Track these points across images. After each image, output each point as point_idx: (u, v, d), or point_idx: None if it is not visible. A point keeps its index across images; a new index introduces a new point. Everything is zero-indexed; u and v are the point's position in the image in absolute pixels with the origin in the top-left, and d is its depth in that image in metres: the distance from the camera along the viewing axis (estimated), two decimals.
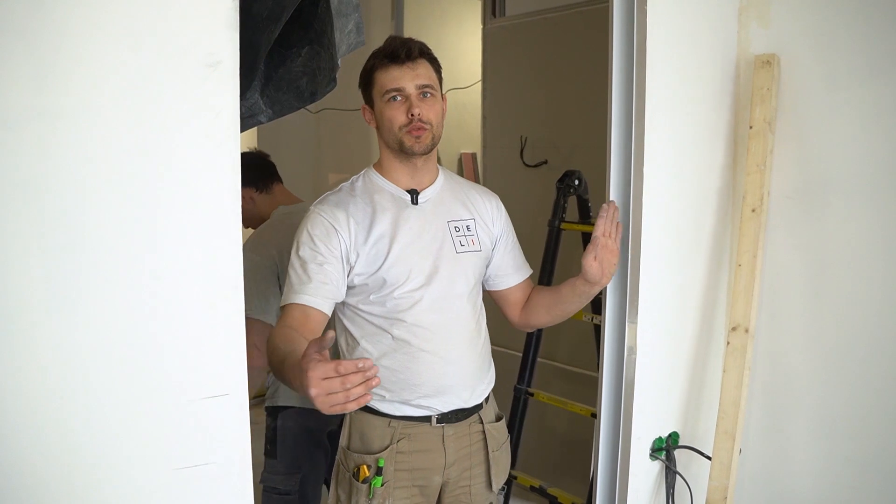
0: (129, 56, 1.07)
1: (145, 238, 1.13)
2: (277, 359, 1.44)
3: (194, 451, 1.19)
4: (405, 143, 1.67)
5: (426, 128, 1.67)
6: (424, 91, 1.67)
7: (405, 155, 1.70)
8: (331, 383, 1.18)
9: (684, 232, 1.97)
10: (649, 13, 1.76)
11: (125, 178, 1.10)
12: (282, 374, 1.42)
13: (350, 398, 1.19)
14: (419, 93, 1.66)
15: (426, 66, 1.69)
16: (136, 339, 1.13)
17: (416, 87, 1.66)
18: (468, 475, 1.81)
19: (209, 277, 1.17)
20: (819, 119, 1.90)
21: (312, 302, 1.60)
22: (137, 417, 1.15)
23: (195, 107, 1.13)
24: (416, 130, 1.66)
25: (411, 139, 1.67)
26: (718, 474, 1.90)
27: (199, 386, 1.18)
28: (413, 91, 1.65)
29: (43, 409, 1.08)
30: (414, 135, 1.66)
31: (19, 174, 1.04)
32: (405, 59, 1.65)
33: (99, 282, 1.10)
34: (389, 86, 1.65)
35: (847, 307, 1.89)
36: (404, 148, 1.68)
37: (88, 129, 1.07)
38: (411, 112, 1.65)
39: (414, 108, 1.65)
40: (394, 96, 1.66)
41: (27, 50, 1.02)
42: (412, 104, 1.65)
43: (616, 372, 1.91)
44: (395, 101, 1.66)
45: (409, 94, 1.65)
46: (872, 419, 1.86)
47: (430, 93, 1.68)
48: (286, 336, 1.50)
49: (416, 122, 1.65)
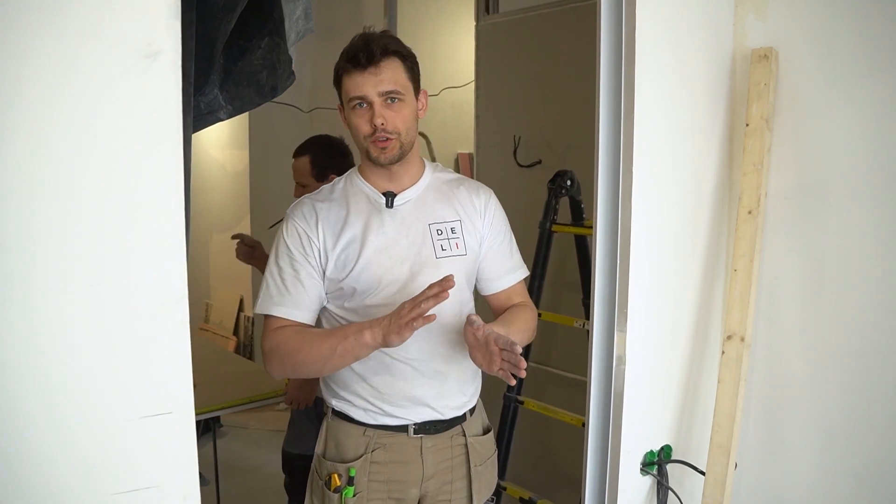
0: (56, 45, 0.99)
1: (77, 242, 1.04)
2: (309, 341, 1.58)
3: (135, 475, 1.11)
4: (371, 153, 1.61)
5: (392, 137, 1.58)
6: (390, 97, 1.57)
7: (371, 162, 1.63)
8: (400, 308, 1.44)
9: (677, 235, 1.89)
10: (639, 4, 1.69)
11: (53, 179, 1.02)
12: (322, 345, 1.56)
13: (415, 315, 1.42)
14: (383, 100, 1.56)
15: (393, 66, 1.57)
16: (68, 352, 1.05)
17: (379, 94, 1.56)
18: (448, 489, 1.73)
19: (149, 287, 1.09)
20: (818, 116, 1.83)
21: (292, 315, 1.62)
22: (72, 438, 1.07)
23: (131, 101, 1.04)
24: (381, 142, 1.58)
25: (377, 150, 1.59)
26: (712, 490, 1.82)
27: (139, 404, 1.10)
28: (376, 99, 1.56)
29: None
30: (379, 146, 1.59)
31: None
32: (367, 64, 1.54)
33: (23, 290, 1.01)
34: (352, 93, 1.57)
35: (847, 314, 1.82)
36: (371, 158, 1.62)
37: (10, 126, 0.98)
38: (374, 121, 1.56)
39: (377, 117, 1.56)
40: (358, 104, 1.57)
41: None
42: (375, 113, 1.56)
43: (604, 382, 1.83)
44: (359, 109, 1.58)
45: (373, 101, 1.56)
46: (873, 431, 1.79)
47: (396, 97, 1.57)
48: (296, 330, 1.61)
49: (380, 132, 1.57)
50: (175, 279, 1.09)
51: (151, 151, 1.05)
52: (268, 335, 1.62)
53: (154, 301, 1.08)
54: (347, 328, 1.55)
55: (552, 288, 2.69)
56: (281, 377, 1.71)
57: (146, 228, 1.07)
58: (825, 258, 1.84)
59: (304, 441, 2.77)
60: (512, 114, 3.22)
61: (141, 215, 1.07)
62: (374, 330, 1.49)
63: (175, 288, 1.09)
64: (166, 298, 1.09)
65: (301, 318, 1.62)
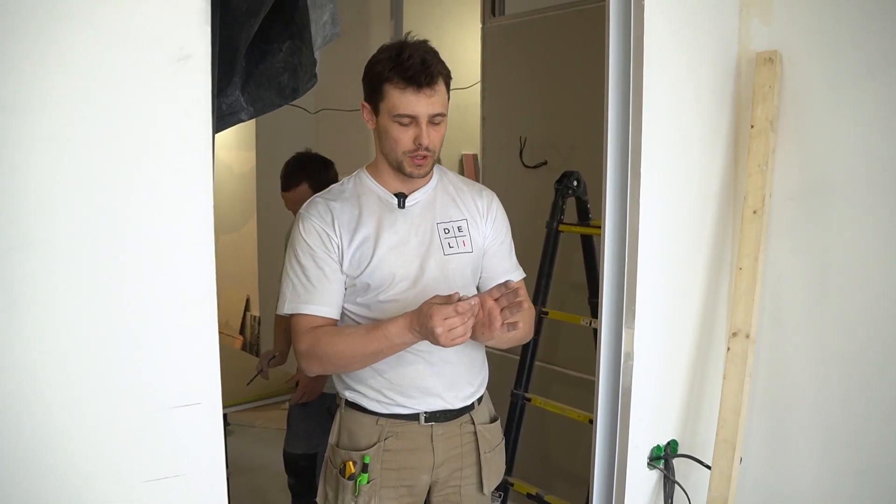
0: (93, 48, 1.03)
1: (111, 240, 1.08)
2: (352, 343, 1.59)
3: (165, 462, 1.15)
4: (405, 167, 1.64)
5: (429, 155, 1.64)
6: (435, 119, 1.62)
7: (400, 173, 1.67)
8: (452, 321, 1.44)
9: (683, 234, 1.92)
10: (647, 8, 1.71)
11: (90, 178, 1.06)
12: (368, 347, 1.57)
13: (462, 333, 1.45)
14: (430, 121, 1.61)
15: (442, 90, 1.61)
16: (103, 346, 1.09)
17: (429, 115, 1.60)
18: (458, 476, 1.78)
19: (180, 282, 1.13)
20: (822, 118, 1.85)
21: (322, 311, 1.65)
22: (105, 428, 1.11)
23: (164, 103, 1.08)
24: (420, 159, 1.63)
25: (412, 166, 1.64)
26: (718, 484, 1.85)
27: (169, 395, 1.14)
28: (425, 120, 1.60)
29: (4, 419, 1.04)
30: (416, 162, 1.63)
31: None
32: (424, 86, 1.57)
33: (61, 287, 1.05)
34: (402, 110, 1.59)
35: (851, 312, 1.84)
36: (403, 171, 1.66)
37: (50, 126, 1.02)
38: (419, 140, 1.60)
39: (423, 137, 1.60)
40: (405, 122, 1.60)
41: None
42: (421, 133, 1.60)
43: (612, 378, 1.86)
44: (403, 125, 1.60)
45: (421, 122, 1.60)
46: (877, 427, 1.81)
47: (441, 119, 1.63)
48: (333, 331, 1.63)
49: (422, 150, 1.61)
50: (205, 275, 1.13)
51: (183, 151, 1.09)
52: (301, 336, 1.64)
53: (185, 296, 1.12)
54: (388, 331, 1.55)
55: (558, 287, 2.72)
56: (319, 374, 1.76)
57: (178, 226, 1.11)
58: (829, 258, 1.86)
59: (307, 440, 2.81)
60: (518, 115, 3.25)
61: (173, 213, 1.11)
62: (415, 334, 1.52)
63: (204, 283, 1.13)
64: (196, 293, 1.13)
65: (330, 314, 1.66)
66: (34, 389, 1.06)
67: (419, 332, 1.50)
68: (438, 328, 1.43)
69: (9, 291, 1.02)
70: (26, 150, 1.02)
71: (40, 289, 1.05)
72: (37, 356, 1.05)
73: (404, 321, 1.53)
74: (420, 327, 1.49)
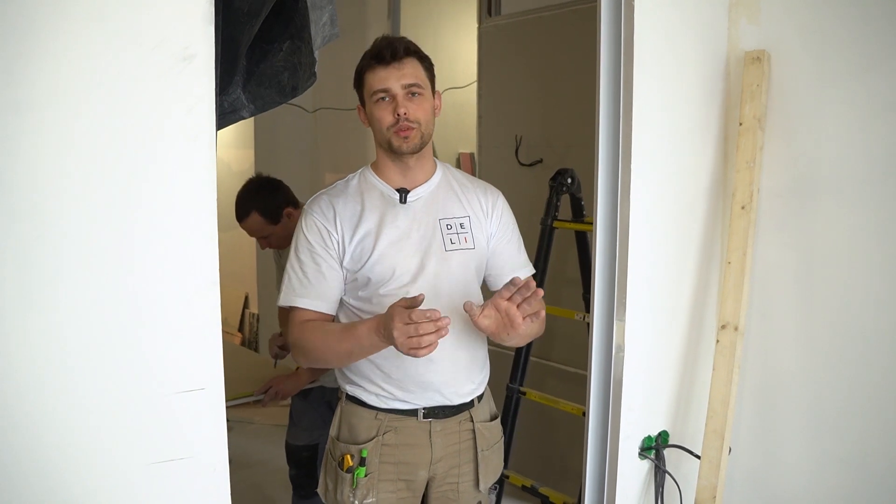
0: (101, 48, 1.07)
1: (119, 233, 1.12)
2: (327, 340, 1.65)
3: (170, 446, 1.19)
4: (393, 142, 1.69)
5: (413, 127, 1.68)
6: (412, 91, 1.68)
7: (396, 154, 1.71)
8: (408, 328, 1.43)
9: (673, 229, 1.96)
10: (637, 8, 1.75)
11: (97, 173, 1.09)
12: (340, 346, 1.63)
13: (423, 344, 1.43)
14: (406, 92, 1.67)
15: (413, 64, 1.69)
16: (111, 333, 1.13)
17: (403, 86, 1.67)
18: (456, 472, 1.80)
19: (185, 273, 1.17)
20: (809, 115, 1.89)
21: (315, 305, 1.71)
22: (113, 412, 1.14)
23: (169, 101, 1.12)
24: (404, 131, 1.67)
25: (399, 139, 1.68)
26: (708, 473, 1.89)
27: (174, 380, 1.18)
28: (399, 91, 1.67)
29: (15, 404, 1.08)
30: (402, 135, 1.68)
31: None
32: (390, 60, 1.66)
33: (72, 277, 1.09)
34: (377, 86, 1.67)
35: (838, 305, 1.87)
36: (393, 147, 1.70)
37: (59, 123, 1.06)
38: (398, 112, 1.66)
39: (400, 107, 1.66)
40: (381, 97, 1.67)
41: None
42: (398, 104, 1.66)
43: (604, 370, 1.90)
44: (382, 102, 1.68)
45: (396, 93, 1.67)
46: (864, 418, 1.84)
47: (417, 92, 1.68)
48: (317, 326, 1.68)
49: (403, 121, 1.66)
50: (209, 265, 1.17)
51: (187, 147, 1.14)
52: (293, 327, 1.71)
53: (190, 286, 1.16)
54: (358, 331, 1.59)
55: (553, 283, 2.76)
56: (310, 367, 1.80)
57: (183, 219, 1.15)
58: (816, 252, 1.90)
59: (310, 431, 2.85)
60: (514, 114, 3.28)
61: (178, 207, 1.15)
62: (381, 338, 1.53)
63: (208, 274, 1.17)
64: (201, 284, 1.17)
65: (324, 309, 1.71)
66: (43, 373, 1.09)
67: (384, 335, 1.51)
68: (395, 331, 1.45)
69: (20, 280, 1.06)
70: (34, 147, 1.06)
71: (50, 277, 1.08)
72: (46, 342, 1.09)
73: (372, 323, 1.56)
74: (384, 329, 1.51)
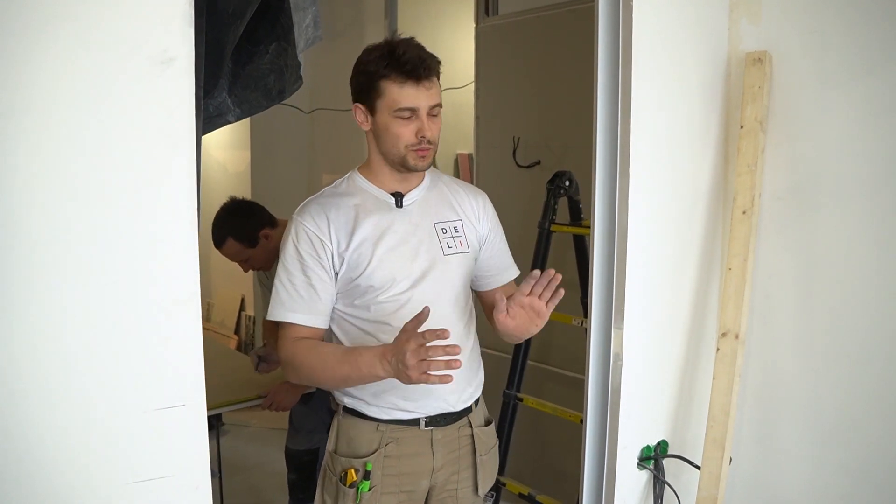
0: (75, 50, 1.03)
1: (95, 243, 1.08)
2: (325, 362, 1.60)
3: (150, 465, 1.15)
4: (409, 161, 1.65)
5: (431, 148, 1.65)
6: (433, 111, 1.64)
7: (405, 169, 1.68)
8: (421, 351, 1.39)
9: (673, 234, 1.92)
10: (635, 9, 1.72)
11: (72, 180, 1.06)
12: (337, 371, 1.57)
13: (430, 369, 1.39)
14: (430, 113, 1.63)
15: (437, 81, 1.65)
16: (86, 347, 1.09)
17: (429, 107, 1.62)
18: (455, 479, 1.78)
19: (164, 283, 1.13)
20: (811, 118, 1.86)
21: (306, 321, 1.65)
22: (90, 430, 1.11)
23: (149, 105, 1.09)
24: (423, 151, 1.64)
25: (416, 158, 1.64)
26: (707, 484, 1.86)
27: (154, 396, 1.14)
28: (425, 112, 1.62)
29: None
30: (420, 154, 1.64)
31: None
32: (422, 78, 1.60)
33: (45, 289, 1.05)
34: (404, 104, 1.60)
35: (840, 311, 1.84)
36: (407, 165, 1.66)
37: (32, 129, 1.03)
38: (422, 134, 1.62)
39: (425, 130, 1.62)
40: (406, 115, 1.61)
41: None
42: (423, 126, 1.62)
43: (602, 378, 1.87)
44: (404, 119, 1.62)
45: (422, 115, 1.62)
46: (866, 426, 1.81)
47: (438, 111, 1.65)
48: (313, 346, 1.63)
49: (425, 143, 1.63)
50: (189, 276, 1.13)
51: (167, 153, 1.10)
52: (284, 344, 1.65)
53: (169, 297, 1.13)
54: (360, 359, 1.55)
55: None
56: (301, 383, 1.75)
57: (162, 228, 1.12)
58: (818, 257, 1.86)
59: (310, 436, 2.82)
60: (511, 115, 3.26)
61: (157, 215, 1.11)
62: (385, 367, 1.50)
63: (188, 285, 1.13)
64: (180, 294, 1.13)
65: (315, 324, 1.66)
66: (18, 391, 1.06)
67: (392, 363, 1.47)
68: (408, 353, 1.40)
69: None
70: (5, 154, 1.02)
71: (23, 288, 1.05)
72: (21, 357, 1.06)
73: (377, 350, 1.52)
74: (392, 356, 1.46)
